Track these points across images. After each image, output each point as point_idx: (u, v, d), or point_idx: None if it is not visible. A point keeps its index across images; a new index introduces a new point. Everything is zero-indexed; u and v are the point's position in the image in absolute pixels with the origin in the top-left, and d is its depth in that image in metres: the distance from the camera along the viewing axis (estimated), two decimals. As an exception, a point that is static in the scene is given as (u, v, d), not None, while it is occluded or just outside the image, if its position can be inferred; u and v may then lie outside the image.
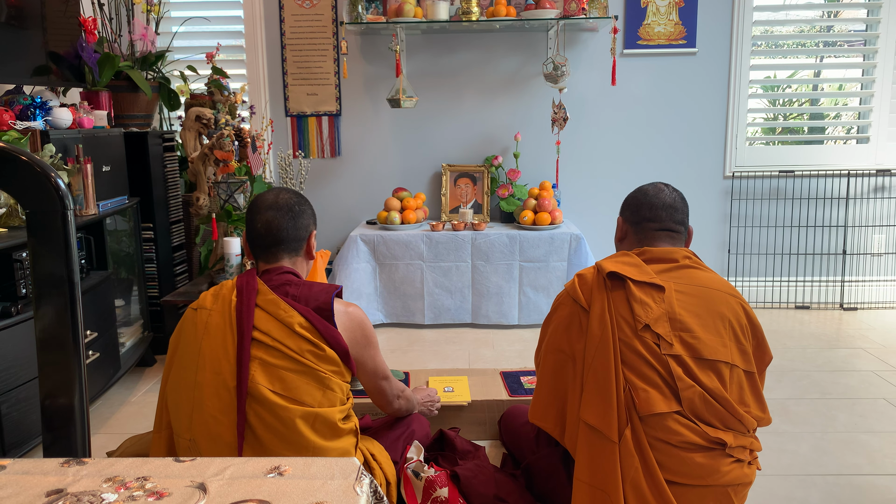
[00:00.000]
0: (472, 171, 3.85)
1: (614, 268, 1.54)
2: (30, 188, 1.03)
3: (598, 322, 1.49)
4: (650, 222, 1.66)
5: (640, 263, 1.57)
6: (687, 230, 1.70)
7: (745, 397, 1.49)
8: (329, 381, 1.48)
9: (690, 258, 1.61)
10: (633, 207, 1.71)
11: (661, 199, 1.67)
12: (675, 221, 1.66)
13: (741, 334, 1.51)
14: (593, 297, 1.53)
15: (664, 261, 1.59)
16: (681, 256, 1.60)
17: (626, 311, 1.49)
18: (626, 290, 1.51)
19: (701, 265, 1.61)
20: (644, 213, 1.67)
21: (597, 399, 1.45)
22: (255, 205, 1.63)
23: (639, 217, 1.68)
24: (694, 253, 1.64)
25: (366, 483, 0.85)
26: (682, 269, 1.58)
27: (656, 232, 1.66)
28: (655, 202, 1.67)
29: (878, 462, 2.15)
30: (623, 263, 1.57)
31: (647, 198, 1.68)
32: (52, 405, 1.06)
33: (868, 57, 3.82)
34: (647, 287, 1.51)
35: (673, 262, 1.59)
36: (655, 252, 1.61)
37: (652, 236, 1.66)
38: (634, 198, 1.72)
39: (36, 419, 2.10)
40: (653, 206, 1.67)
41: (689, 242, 1.73)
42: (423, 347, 3.27)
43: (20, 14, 2.55)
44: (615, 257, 1.62)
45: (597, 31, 3.75)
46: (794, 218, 3.89)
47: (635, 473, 1.40)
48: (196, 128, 3.01)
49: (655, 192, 1.69)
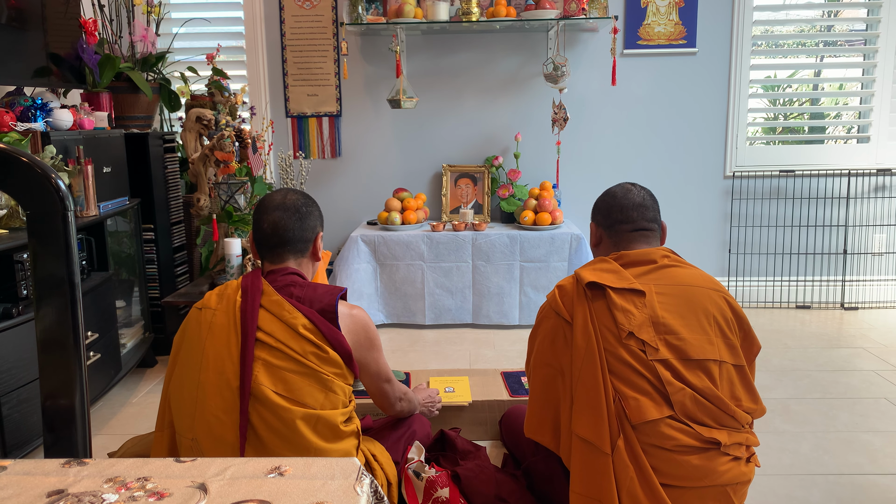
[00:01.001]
0: (472, 171, 3.85)
1: (593, 277, 1.52)
2: (30, 189, 1.03)
3: (581, 334, 1.48)
4: (623, 224, 1.66)
5: (618, 269, 1.56)
6: (661, 227, 1.70)
7: (736, 391, 1.48)
8: (331, 383, 1.48)
9: (669, 256, 1.60)
10: (604, 211, 1.70)
11: (630, 200, 1.67)
12: (648, 220, 1.66)
13: (727, 329, 1.50)
14: (575, 309, 1.52)
15: (643, 263, 1.58)
16: (659, 256, 1.59)
17: (608, 321, 1.48)
18: (607, 298, 1.50)
19: (681, 262, 1.60)
20: (615, 216, 1.67)
21: (587, 411, 1.44)
22: (262, 205, 1.63)
23: (611, 220, 1.68)
24: (672, 250, 1.63)
25: (366, 483, 0.85)
26: (661, 270, 1.57)
27: (631, 233, 1.65)
28: (625, 203, 1.66)
29: (880, 461, 2.15)
30: (601, 271, 1.56)
31: (616, 200, 1.68)
32: (53, 406, 1.06)
33: (868, 56, 3.82)
34: (628, 293, 1.50)
35: (652, 264, 1.58)
36: (633, 255, 1.60)
37: (627, 238, 1.66)
38: (604, 201, 1.71)
39: (37, 420, 2.10)
40: (623, 208, 1.66)
41: (664, 239, 1.73)
42: (423, 348, 3.27)
43: (21, 15, 2.56)
44: (593, 265, 1.61)
45: (597, 32, 3.75)
46: (794, 217, 3.89)
47: (631, 483, 1.39)
48: (197, 129, 3.02)
49: (624, 192, 1.68)
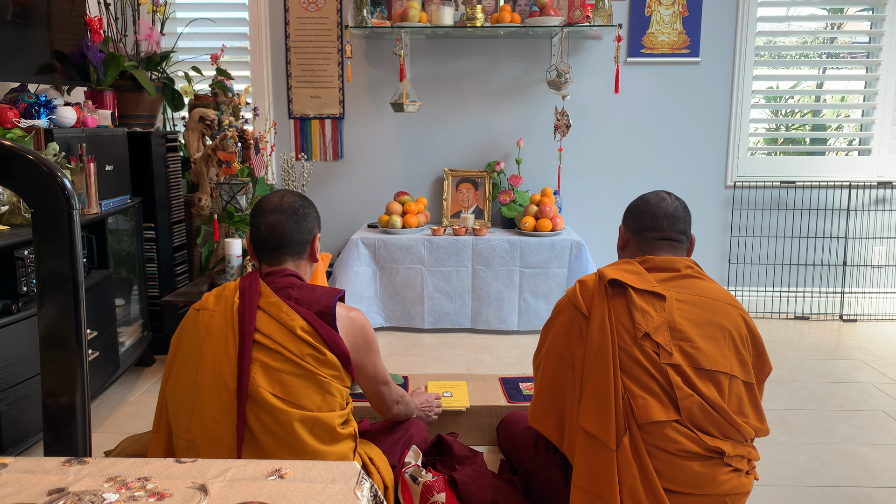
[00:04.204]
0: (473, 176, 3.85)
1: (616, 275, 1.54)
2: (36, 187, 1.03)
3: (597, 329, 1.49)
4: (651, 231, 1.66)
5: (641, 271, 1.58)
6: (689, 239, 1.70)
7: (743, 408, 1.49)
8: (329, 385, 1.48)
9: (692, 268, 1.61)
10: (634, 216, 1.71)
11: (662, 209, 1.67)
12: (677, 231, 1.66)
13: (741, 345, 1.51)
14: (594, 304, 1.53)
15: (666, 270, 1.59)
16: (683, 266, 1.60)
17: (626, 319, 1.49)
18: (627, 297, 1.51)
19: (703, 275, 1.61)
20: (646, 222, 1.67)
21: (595, 406, 1.45)
22: (259, 207, 1.63)
23: (640, 226, 1.68)
24: (696, 262, 1.64)
25: (366, 487, 0.85)
26: (683, 279, 1.58)
27: (657, 241, 1.66)
28: (657, 211, 1.67)
29: (876, 474, 2.15)
30: (625, 271, 1.57)
31: (648, 206, 1.68)
32: (54, 404, 1.06)
33: (871, 69, 3.83)
34: (648, 295, 1.51)
35: (675, 272, 1.59)
36: (657, 261, 1.61)
37: (653, 245, 1.66)
38: (636, 206, 1.72)
39: (35, 417, 2.10)
40: (654, 216, 1.67)
41: (692, 251, 1.73)
42: (422, 352, 3.27)
43: (26, 12, 2.56)
44: (617, 265, 1.62)
45: (600, 39, 3.76)
46: (794, 228, 3.90)
47: (633, 481, 1.40)
48: (199, 129, 3.02)
49: (657, 200, 1.69)
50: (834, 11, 3.84)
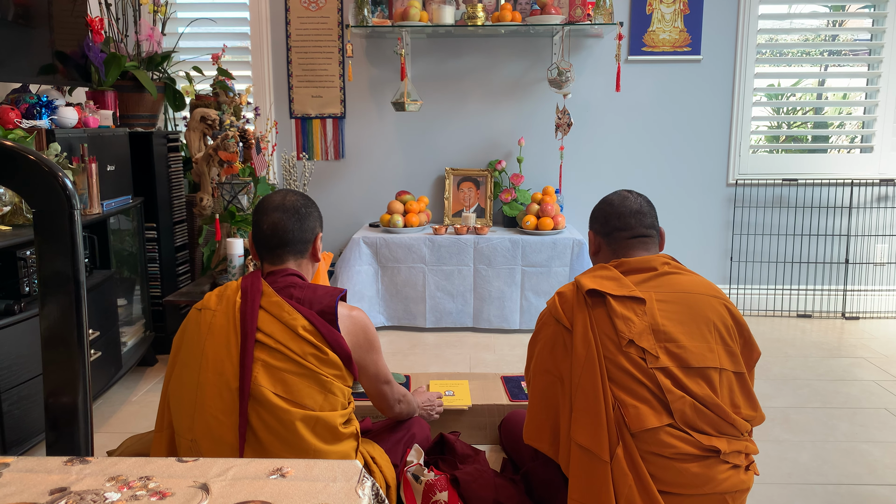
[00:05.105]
0: (475, 175, 3.85)
1: (593, 284, 1.52)
2: (37, 187, 1.04)
3: (581, 341, 1.48)
4: (621, 231, 1.66)
5: (619, 276, 1.56)
6: (659, 233, 1.70)
7: (735, 399, 1.48)
8: (331, 384, 1.48)
9: (669, 263, 1.60)
10: (601, 219, 1.70)
11: (627, 207, 1.66)
12: (645, 226, 1.66)
13: (727, 336, 1.50)
14: (575, 316, 1.51)
15: (643, 270, 1.58)
16: (659, 263, 1.59)
17: (608, 328, 1.47)
18: (607, 306, 1.49)
19: (681, 269, 1.60)
20: (613, 223, 1.67)
21: (586, 419, 1.44)
22: (261, 206, 1.63)
23: (609, 227, 1.68)
24: (672, 257, 1.62)
25: (368, 486, 0.85)
26: (662, 277, 1.56)
27: (629, 240, 1.65)
28: (623, 210, 1.66)
29: (879, 472, 2.15)
30: (602, 278, 1.56)
31: (613, 207, 1.68)
32: (56, 403, 1.06)
33: (873, 66, 3.82)
34: (628, 301, 1.50)
35: (652, 271, 1.57)
36: (633, 262, 1.60)
37: (626, 245, 1.65)
38: (601, 209, 1.71)
39: (37, 417, 2.10)
40: (621, 215, 1.66)
41: (663, 245, 1.72)
42: (424, 351, 3.27)
43: (27, 13, 2.56)
44: (593, 272, 1.61)
45: (602, 38, 3.76)
46: (796, 226, 3.89)
47: (629, 491, 1.39)
48: (201, 128, 3.02)
49: (621, 200, 1.68)
50: (835, 9, 3.83)
